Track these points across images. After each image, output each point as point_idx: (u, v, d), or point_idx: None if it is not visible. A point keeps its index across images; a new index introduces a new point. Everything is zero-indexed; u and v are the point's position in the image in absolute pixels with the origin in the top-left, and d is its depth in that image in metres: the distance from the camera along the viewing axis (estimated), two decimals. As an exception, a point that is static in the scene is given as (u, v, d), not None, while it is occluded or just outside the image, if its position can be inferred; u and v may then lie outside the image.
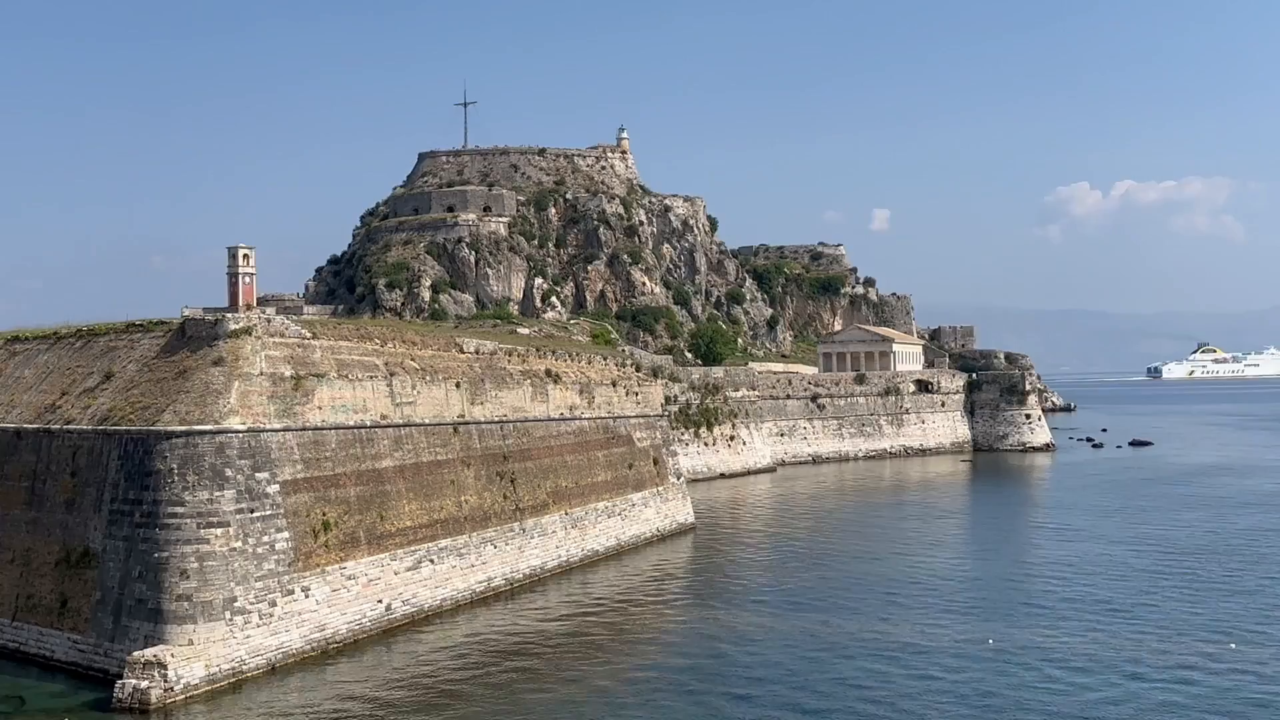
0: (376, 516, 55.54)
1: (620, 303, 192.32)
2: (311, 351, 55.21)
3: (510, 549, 65.22)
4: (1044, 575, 66.61)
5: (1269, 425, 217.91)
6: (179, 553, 47.04)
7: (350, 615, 52.55)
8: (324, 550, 52.01)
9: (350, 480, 54.60)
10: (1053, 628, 54.06)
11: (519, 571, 65.38)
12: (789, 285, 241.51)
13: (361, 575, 53.81)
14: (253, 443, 49.94)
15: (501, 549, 64.45)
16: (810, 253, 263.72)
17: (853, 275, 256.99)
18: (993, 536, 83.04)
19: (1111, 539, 78.74)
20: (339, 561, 52.64)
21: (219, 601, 46.93)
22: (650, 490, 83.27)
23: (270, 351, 52.80)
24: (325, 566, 51.85)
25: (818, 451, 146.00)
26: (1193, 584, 63.02)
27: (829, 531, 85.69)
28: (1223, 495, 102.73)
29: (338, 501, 53.51)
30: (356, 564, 53.63)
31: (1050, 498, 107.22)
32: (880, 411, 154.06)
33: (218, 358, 51.28)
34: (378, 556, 55.01)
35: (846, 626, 54.85)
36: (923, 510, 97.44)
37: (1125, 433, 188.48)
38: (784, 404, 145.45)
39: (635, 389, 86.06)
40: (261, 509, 49.42)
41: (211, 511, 47.81)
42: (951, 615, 56.99)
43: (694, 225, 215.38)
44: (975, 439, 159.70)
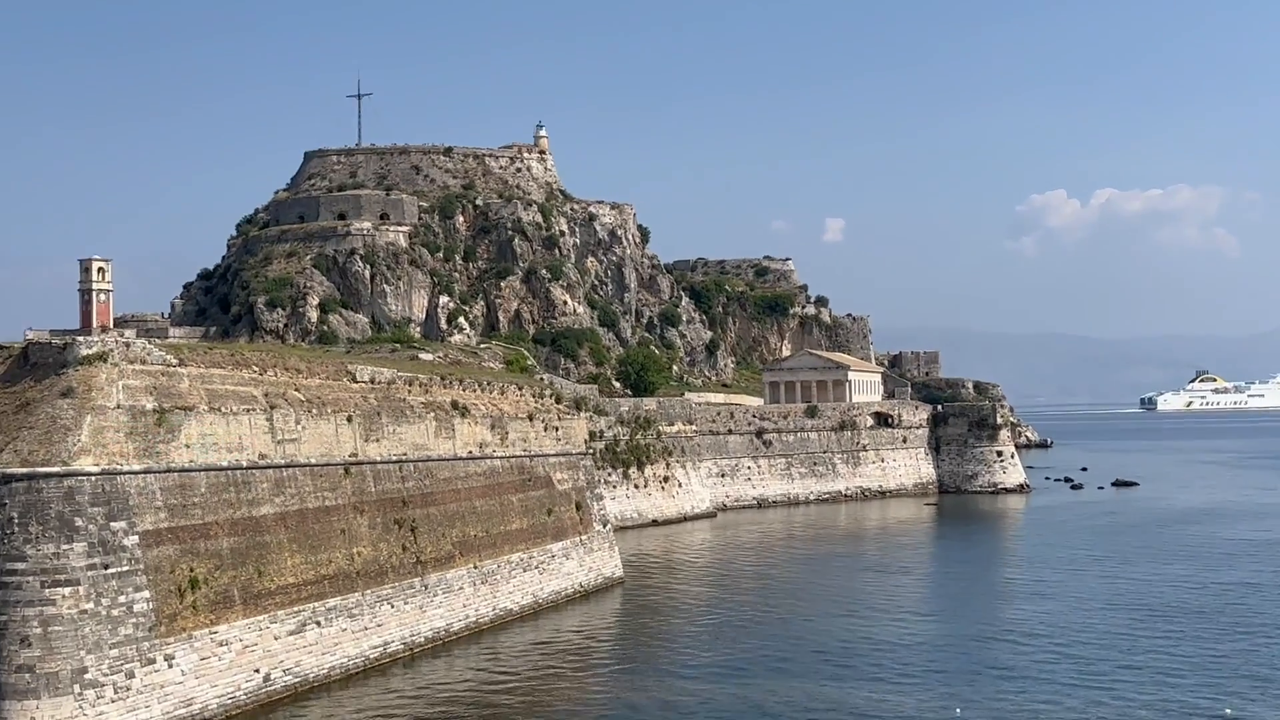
0: (254, 572, 54.90)
1: (538, 324, 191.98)
2: (178, 381, 54.57)
3: (410, 608, 64.75)
4: (1013, 637, 67.48)
5: (1269, 463, 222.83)
6: (19, 616, 46.13)
7: (222, 688, 51.81)
8: (191, 612, 51.30)
9: (223, 530, 53.95)
10: (1022, 693, 54.77)
11: (420, 634, 64.90)
12: (731, 305, 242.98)
13: (235, 641, 53.11)
14: (107, 487, 49.20)
15: (400, 609, 63.96)
16: (755, 267, 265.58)
17: (803, 293, 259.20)
18: (958, 593, 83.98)
19: (1089, 595, 80.00)
20: (209, 625, 51.94)
21: (66, 673, 46.06)
22: (572, 539, 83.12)
23: (129, 381, 52.11)
24: (193, 631, 51.13)
25: (763, 494, 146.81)
26: (1178, 646, 64.20)
27: (776, 587, 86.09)
28: (1212, 544, 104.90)
29: (208, 555, 52.84)
30: (230, 628, 52.94)
31: (1023, 547, 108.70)
32: (834, 448, 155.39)
33: (67, 388, 50.51)
34: (255, 619, 54.34)
35: (794, 696, 55.14)
36: (881, 562, 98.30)
37: (1108, 472, 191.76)
38: (725, 440, 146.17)
39: (555, 423, 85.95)
40: (117, 564, 48.65)
41: (58, 568, 46.98)
42: (911, 682, 57.51)
43: (623, 236, 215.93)
44: (941, 479, 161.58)
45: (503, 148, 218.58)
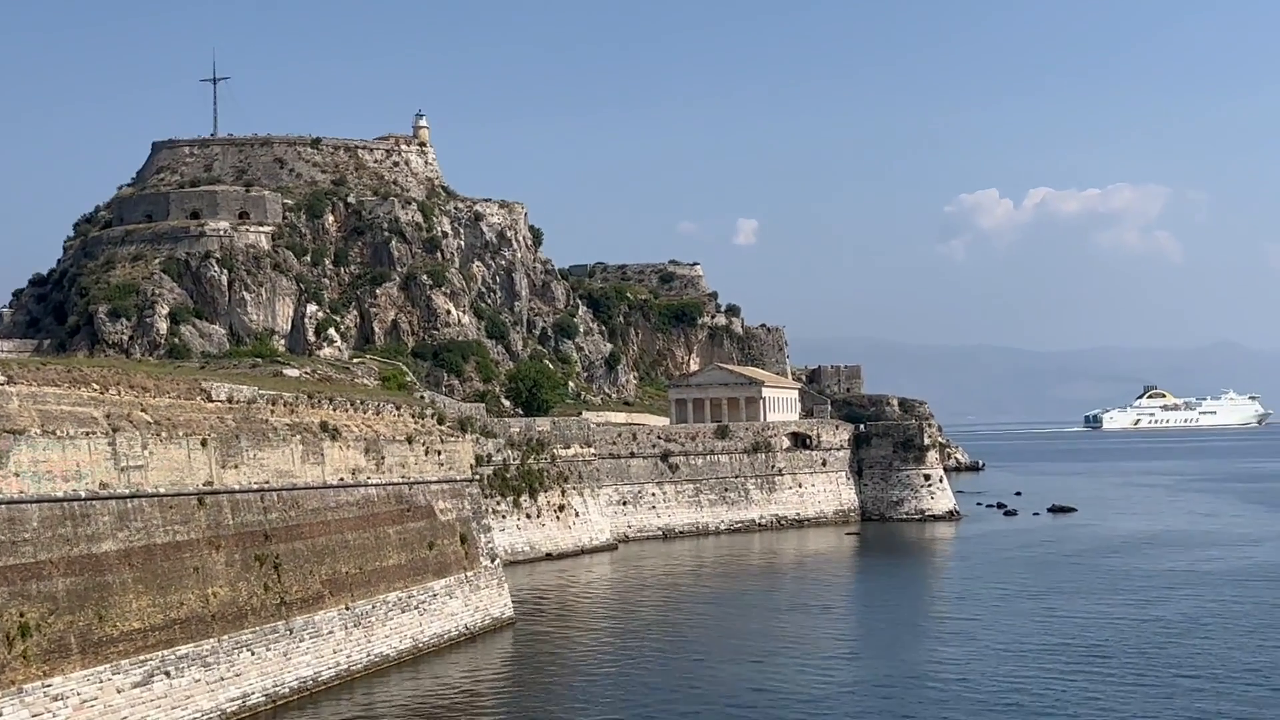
0: (94, 617, 53.80)
1: (419, 336, 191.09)
2: (6, 400, 53.43)
3: (273, 655, 63.89)
4: (941, 682, 68.23)
5: (1214, 486, 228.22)
6: None
7: (57, 749, 50.63)
8: (21, 662, 50.12)
9: (58, 569, 52.82)
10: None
11: (284, 684, 64.06)
12: (633, 314, 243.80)
13: (73, 695, 52.00)
14: (-76, 522, 47.82)
15: (262, 656, 63.08)
16: (660, 273, 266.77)
17: (712, 302, 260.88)
18: (881, 633, 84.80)
19: (1021, 634, 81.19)
20: (42, 677, 50.80)
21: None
22: (457, 576, 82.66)
23: (-51, 400, 50.81)
24: (23, 684, 49.98)
25: (669, 524, 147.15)
26: (1117, 691, 65.20)
27: (682, 628, 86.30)
28: (1152, 575, 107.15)
29: (41, 598, 51.68)
30: (66, 680, 51.82)
31: (952, 581, 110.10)
32: (747, 473, 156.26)
33: (-123, 409, 49.07)
34: (95, 669, 53.24)
35: (705, 746, 55.14)
36: (798, 600, 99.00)
37: (1044, 496, 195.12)
38: (627, 464, 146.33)
39: (438, 446, 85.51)
40: (-65, 610, 47.29)
41: None
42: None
43: (513, 238, 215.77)
44: (864, 505, 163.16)
45: (378, 139, 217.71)
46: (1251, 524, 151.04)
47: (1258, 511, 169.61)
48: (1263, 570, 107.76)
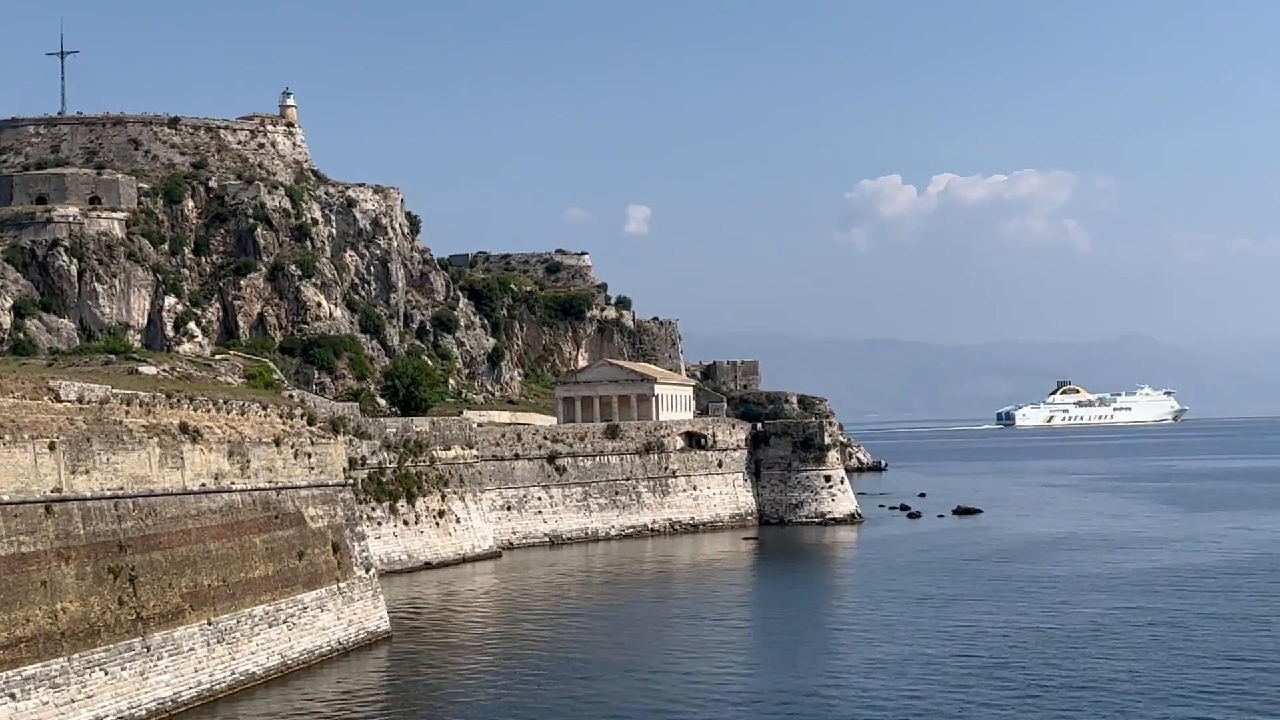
0: (-70, 636, 52.59)
1: (287, 331, 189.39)
2: None
3: (129, 675, 63.02)
4: (836, 692, 69.11)
5: (1124, 486, 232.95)
6: None
7: (-110, 780, 49.56)
8: None
9: (-110, 585, 51.56)
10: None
11: (141, 706, 63.23)
12: (518, 307, 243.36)
13: (-93, 722, 50.85)
14: None
15: (116, 676, 62.19)
16: (546, 263, 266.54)
17: (602, 293, 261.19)
18: (779, 643, 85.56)
19: (922, 642, 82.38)
20: (-127, 703, 49.60)
21: None
22: (329, 588, 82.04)
23: None
24: None
25: (557, 529, 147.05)
26: (1019, 702, 66.31)
27: (570, 641, 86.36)
28: (1060, 579, 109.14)
29: None
30: (-101, 706, 50.68)
31: (852, 587, 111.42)
32: (639, 475, 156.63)
33: None
34: (-68, 694, 52.08)
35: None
36: (692, 609, 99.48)
37: (949, 498, 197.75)
38: (512, 466, 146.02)
39: (308, 449, 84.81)
40: None
41: None
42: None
43: (388, 226, 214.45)
44: (761, 509, 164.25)
45: (242, 119, 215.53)
46: (1162, 526, 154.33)
47: (1169, 512, 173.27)
48: (1172, 575, 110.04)
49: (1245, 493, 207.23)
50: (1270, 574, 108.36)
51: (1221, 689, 66.79)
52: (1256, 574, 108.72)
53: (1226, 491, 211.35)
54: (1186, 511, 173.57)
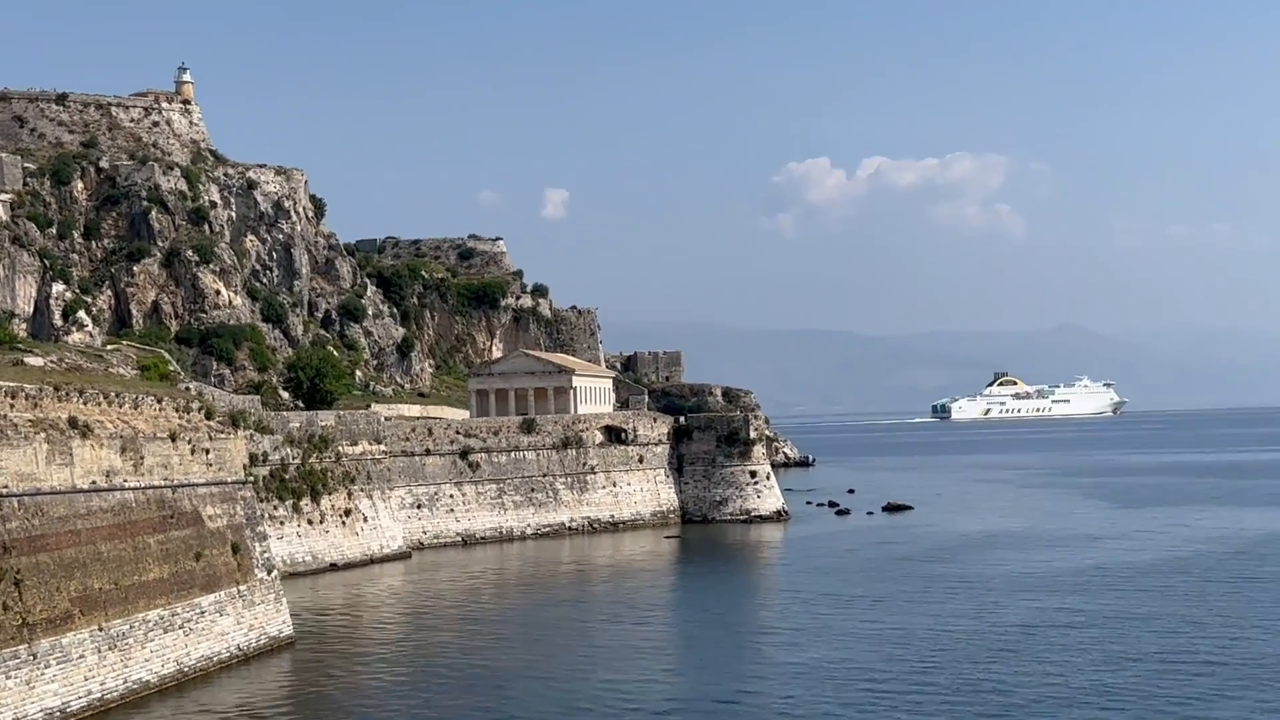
0: None
1: (183, 320, 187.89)
2: None
3: (14, 685, 62.33)
4: (760, 697, 69.62)
5: (1059, 481, 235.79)
6: None
7: None
8: None
9: None
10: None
11: (27, 717, 62.61)
12: (429, 295, 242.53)
13: None
14: None
15: (0, 685, 61.44)
16: (458, 249, 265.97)
17: (517, 281, 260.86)
18: (702, 645, 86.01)
19: (850, 644, 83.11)
20: None
21: None
22: (228, 591, 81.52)
23: None
24: None
25: (470, 528, 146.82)
26: (949, 707, 67.01)
27: (483, 646, 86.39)
28: (991, 579, 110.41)
29: None
30: None
31: (778, 587, 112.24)
32: (556, 471, 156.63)
33: None
34: None
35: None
36: (610, 610, 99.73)
37: (879, 494, 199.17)
38: (422, 462, 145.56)
39: (206, 445, 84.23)
40: None
41: None
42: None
43: (291, 209, 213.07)
44: (684, 506, 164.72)
45: (135, 95, 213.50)
46: (1097, 522, 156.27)
47: (1105, 509, 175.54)
48: (1106, 573, 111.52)
49: (1182, 488, 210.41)
50: (1205, 572, 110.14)
51: (1155, 693, 67.75)
52: (1191, 572, 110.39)
53: (1163, 487, 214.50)
54: (1122, 508, 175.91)
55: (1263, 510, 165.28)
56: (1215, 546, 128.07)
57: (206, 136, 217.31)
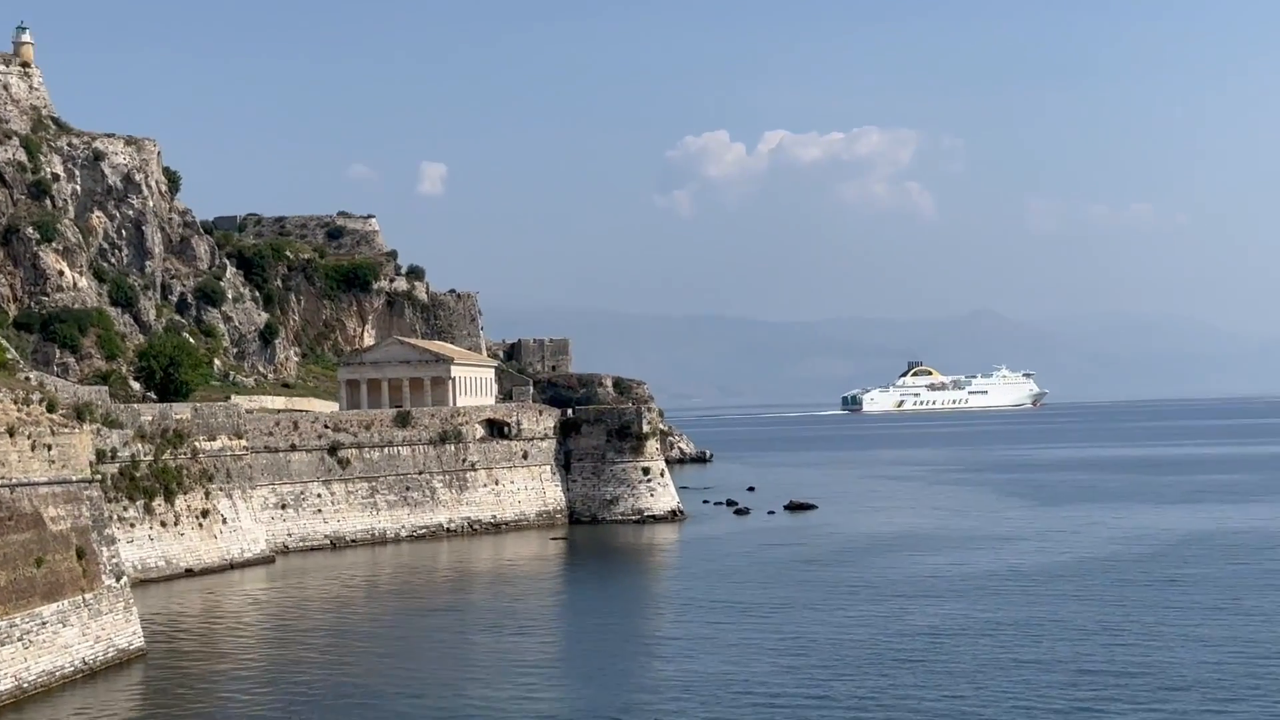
0: None
1: (23, 303, 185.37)
2: None
3: None
4: (651, 709, 70.03)
5: (970, 477, 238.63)
6: None
7: None
8: None
9: None
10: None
11: None
12: (294, 277, 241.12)
13: None
14: None
15: None
16: (327, 228, 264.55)
17: (391, 262, 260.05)
18: (590, 654, 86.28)
19: (746, 653, 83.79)
20: None
21: None
22: (72, 599, 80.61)
23: None
24: None
25: (339, 530, 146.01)
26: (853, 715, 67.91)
27: (352, 659, 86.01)
28: (899, 580, 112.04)
29: None
30: None
31: (672, 592, 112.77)
32: (433, 468, 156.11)
33: None
34: None
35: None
36: (493, 619, 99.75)
37: (781, 492, 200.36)
38: (287, 459, 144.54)
39: (48, 440, 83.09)
40: None
41: None
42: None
43: (143, 183, 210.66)
44: (572, 505, 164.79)
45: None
46: (1011, 522, 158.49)
47: (1019, 506, 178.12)
48: (1019, 576, 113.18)
49: (1100, 484, 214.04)
50: (1123, 575, 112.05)
51: (1071, 704, 68.89)
52: (1109, 575, 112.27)
53: (1081, 484, 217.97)
54: (1038, 506, 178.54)
55: (1183, 508, 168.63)
56: (1134, 547, 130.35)
57: (48, 103, 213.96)
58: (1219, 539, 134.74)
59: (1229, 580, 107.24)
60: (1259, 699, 68.34)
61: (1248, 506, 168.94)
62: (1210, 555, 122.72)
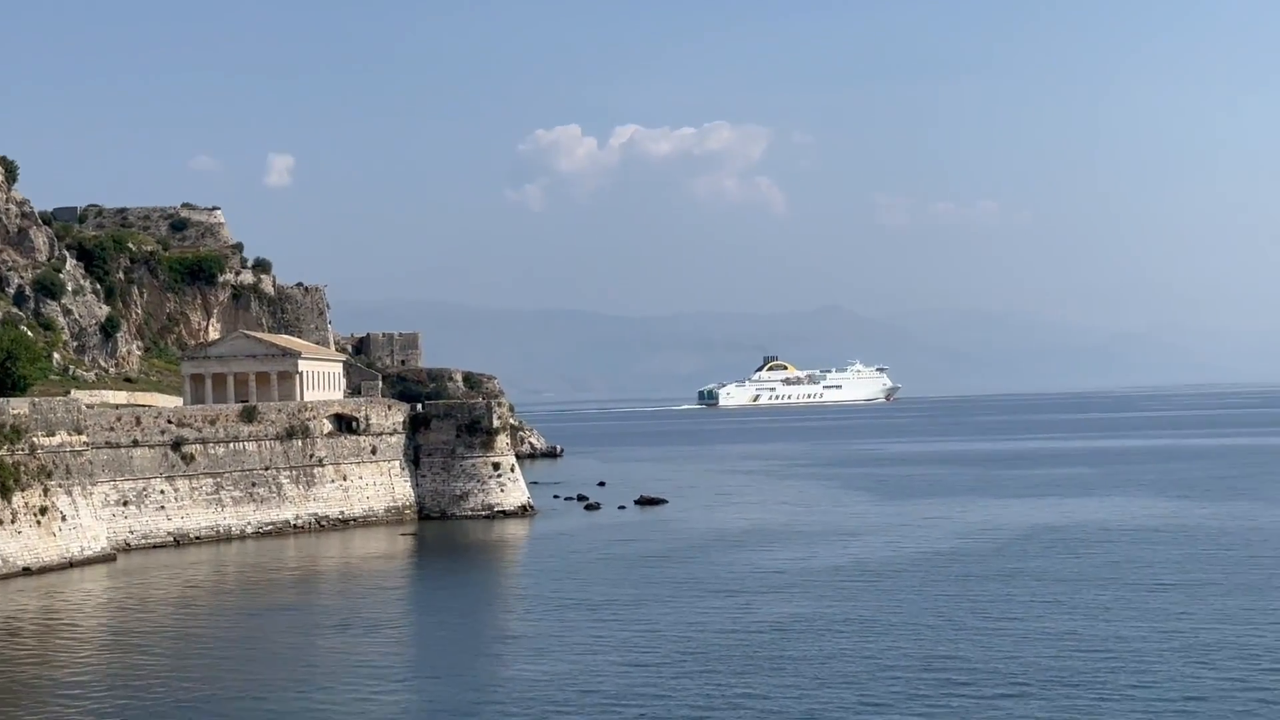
0: None
1: None
2: None
3: None
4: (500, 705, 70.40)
5: (821, 471, 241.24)
6: None
7: None
8: None
9: None
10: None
11: None
12: (137, 269, 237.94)
13: None
14: None
15: None
16: (170, 219, 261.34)
17: (237, 255, 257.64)
18: (438, 652, 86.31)
19: (594, 648, 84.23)
20: None
21: None
22: (-96, 602, 78.90)
23: None
24: None
25: (183, 527, 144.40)
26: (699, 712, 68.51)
27: (196, 658, 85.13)
28: (748, 575, 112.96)
29: None
30: None
31: (521, 588, 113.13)
32: (280, 464, 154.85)
33: None
34: None
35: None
36: (340, 616, 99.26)
37: (632, 487, 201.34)
38: (129, 455, 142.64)
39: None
40: None
41: None
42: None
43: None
44: (422, 501, 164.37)
45: None
46: (857, 516, 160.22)
47: (866, 501, 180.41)
48: (865, 571, 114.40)
49: (946, 479, 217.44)
50: (965, 568, 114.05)
51: (914, 696, 70.08)
52: (952, 569, 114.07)
53: (929, 478, 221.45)
54: (884, 500, 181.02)
55: (1026, 502, 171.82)
56: (977, 542, 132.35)
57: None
58: (1059, 533, 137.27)
59: (1068, 574, 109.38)
60: (1096, 688, 70.00)
61: (1088, 500, 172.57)
62: (1051, 549, 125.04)
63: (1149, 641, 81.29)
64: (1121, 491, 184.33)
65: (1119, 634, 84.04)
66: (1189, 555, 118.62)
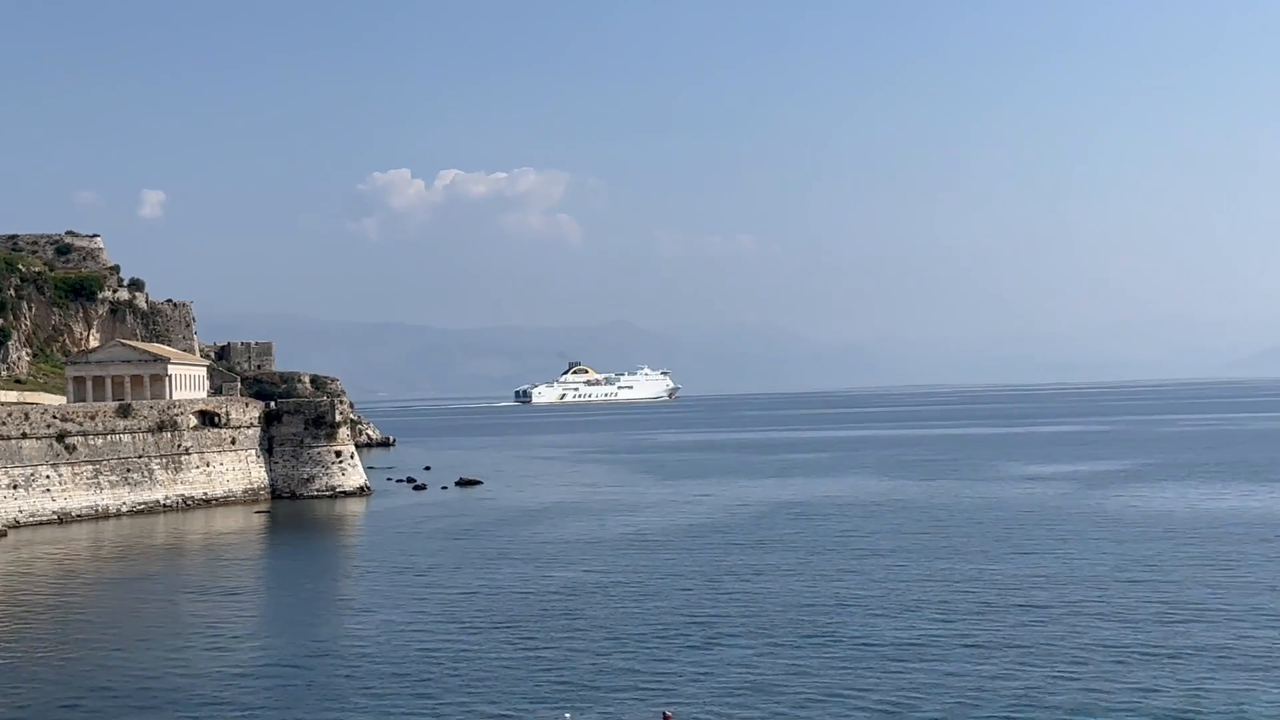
0: None
1: None
2: None
3: None
4: (342, 655, 69.69)
5: (615, 459, 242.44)
6: None
7: None
8: None
9: None
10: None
11: None
12: (26, 287, 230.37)
13: None
14: None
15: None
16: (55, 244, 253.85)
17: (114, 275, 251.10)
18: (287, 612, 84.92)
19: (424, 604, 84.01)
20: None
21: None
22: None
23: None
24: None
25: (66, 507, 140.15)
26: (511, 652, 68.81)
27: (75, 620, 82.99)
28: (546, 543, 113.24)
29: None
30: None
31: (359, 556, 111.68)
32: (152, 453, 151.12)
33: None
34: None
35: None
36: (201, 582, 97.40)
37: (453, 471, 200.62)
38: (18, 445, 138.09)
39: None
40: None
41: None
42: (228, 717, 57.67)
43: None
44: (275, 484, 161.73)
45: None
46: (638, 494, 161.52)
47: (646, 481, 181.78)
48: (642, 538, 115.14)
49: (711, 463, 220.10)
50: (725, 536, 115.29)
51: (683, 641, 70.79)
52: (714, 537, 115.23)
53: (696, 461, 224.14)
54: (661, 480, 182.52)
55: (774, 482, 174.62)
56: (734, 515, 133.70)
57: None
58: (801, 507, 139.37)
59: (805, 542, 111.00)
60: (827, 638, 71.26)
61: (824, 480, 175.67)
62: (794, 521, 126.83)
63: (870, 598, 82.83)
64: (851, 473, 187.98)
65: (847, 591, 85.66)
66: (902, 526, 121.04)
